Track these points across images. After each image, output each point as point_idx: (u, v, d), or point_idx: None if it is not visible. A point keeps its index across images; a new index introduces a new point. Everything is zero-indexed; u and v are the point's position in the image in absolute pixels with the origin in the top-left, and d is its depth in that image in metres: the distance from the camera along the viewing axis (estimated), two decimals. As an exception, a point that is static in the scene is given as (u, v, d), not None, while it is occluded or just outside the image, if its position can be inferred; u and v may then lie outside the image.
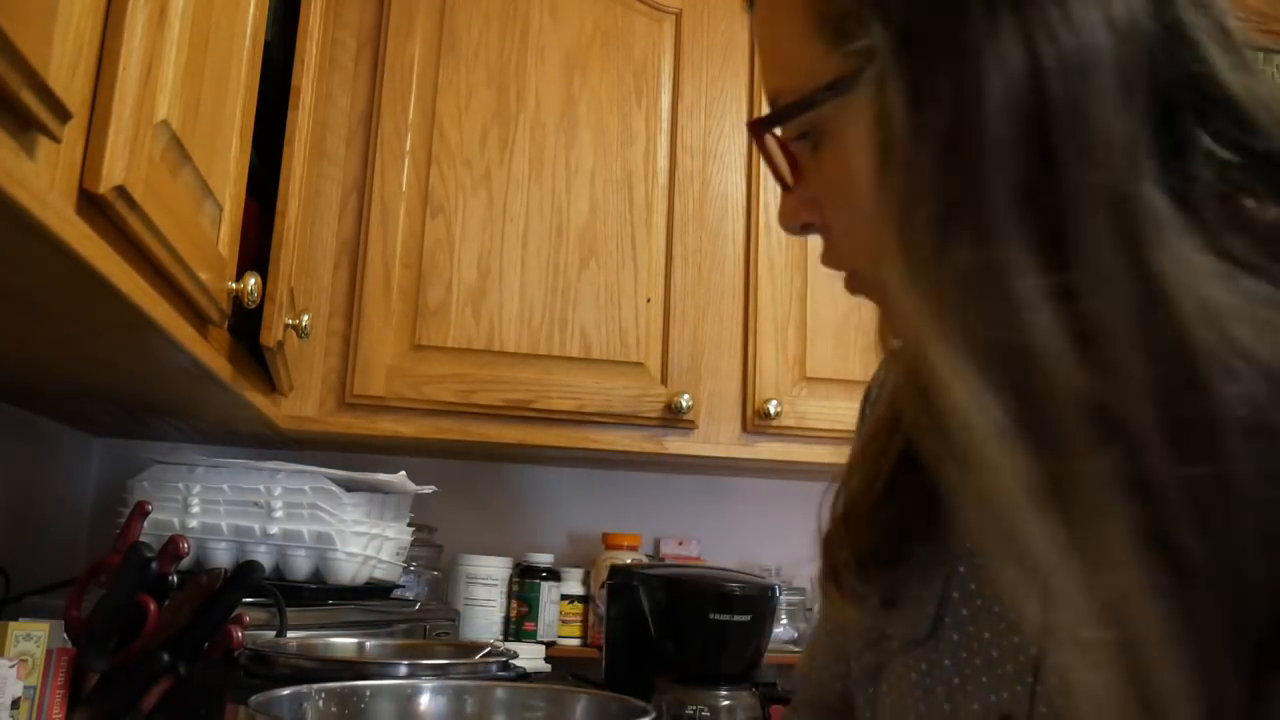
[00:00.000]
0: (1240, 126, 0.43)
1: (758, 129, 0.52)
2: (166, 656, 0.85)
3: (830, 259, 0.54)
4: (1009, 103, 0.41)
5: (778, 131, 0.53)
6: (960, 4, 0.42)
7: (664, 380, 1.60)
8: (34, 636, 0.87)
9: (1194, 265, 0.39)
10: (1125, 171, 0.40)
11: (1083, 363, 0.38)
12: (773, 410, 1.59)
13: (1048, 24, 0.41)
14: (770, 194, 1.67)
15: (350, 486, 1.29)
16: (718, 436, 1.62)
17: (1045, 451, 0.38)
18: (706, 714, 1.30)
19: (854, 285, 0.54)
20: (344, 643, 1.05)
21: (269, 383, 1.26)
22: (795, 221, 0.55)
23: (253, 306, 0.91)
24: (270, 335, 1.00)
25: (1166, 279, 0.39)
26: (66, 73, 0.47)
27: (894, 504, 0.53)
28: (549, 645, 1.65)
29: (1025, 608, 0.44)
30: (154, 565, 0.87)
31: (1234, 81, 0.43)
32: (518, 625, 1.69)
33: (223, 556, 1.24)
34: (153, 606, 0.86)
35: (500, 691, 0.82)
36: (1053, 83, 0.41)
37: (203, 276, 0.78)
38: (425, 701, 0.78)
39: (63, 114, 0.48)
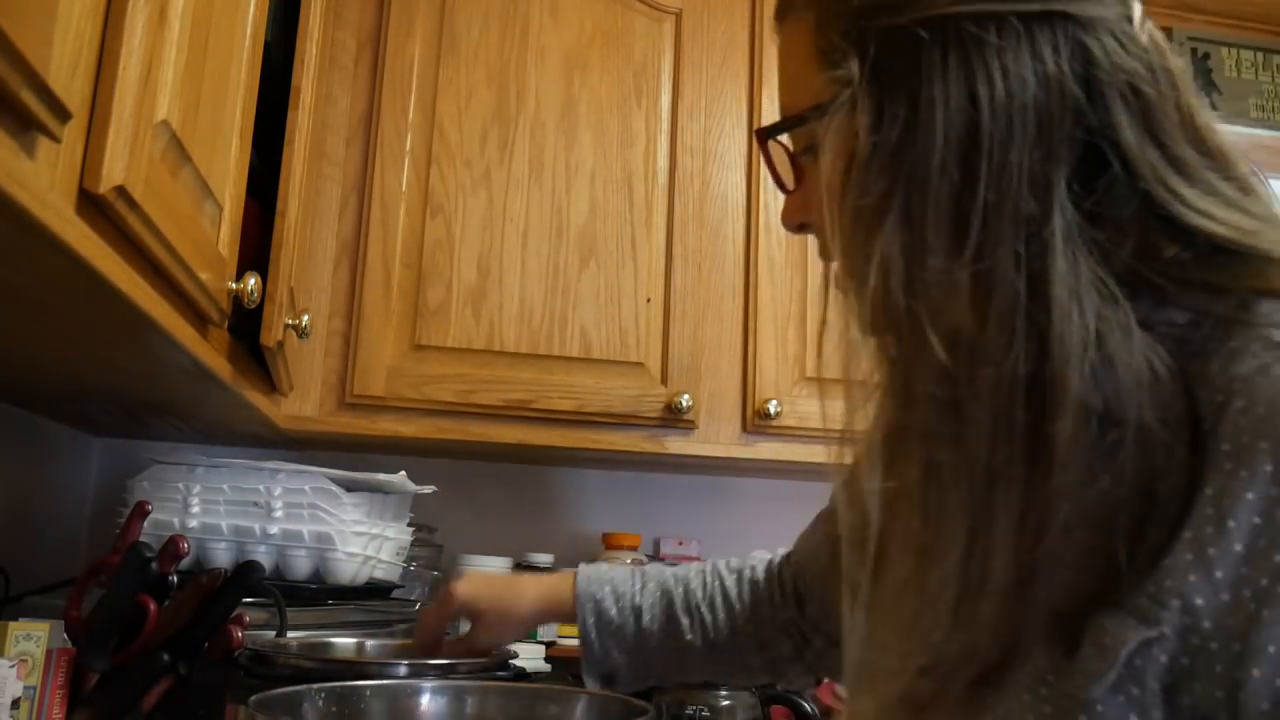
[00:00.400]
0: (1130, 173, 0.53)
1: (760, 136, 0.64)
2: (166, 656, 0.85)
3: (822, 253, 0.64)
4: (948, 130, 0.52)
5: (786, 142, 0.63)
6: (919, 48, 0.53)
7: (664, 380, 1.60)
8: (34, 636, 0.87)
9: (1079, 275, 0.50)
10: (1031, 195, 0.51)
11: (971, 326, 0.51)
12: (773, 410, 1.59)
13: (988, 72, 0.52)
14: (770, 194, 1.67)
15: (350, 486, 1.29)
16: (718, 436, 1.62)
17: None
18: (706, 714, 1.30)
19: (839, 281, 0.62)
20: (344, 643, 1.05)
21: (269, 383, 1.26)
22: (793, 220, 0.66)
23: (253, 306, 0.90)
24: (270, 335, 1.00)
25: (1051, 281, 0.49)
26: (66, 73, 0.47)
27: None
28: (549, 645, 1.64)
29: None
30: (154, 565, 0.87)
31: (1129, 138, 0.53)
32: (518, 625, 1.69)
33: (223, 556, 1.24)
34: (153, 606, 0.86)
35: (500, 691, 0.82)
36: (984, 118, 0.51)
37: (203, 276, 0.78)
38: (425, 701, 0.78)
39: (63, 114, 0.48)
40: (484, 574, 1.01)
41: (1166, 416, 0.47)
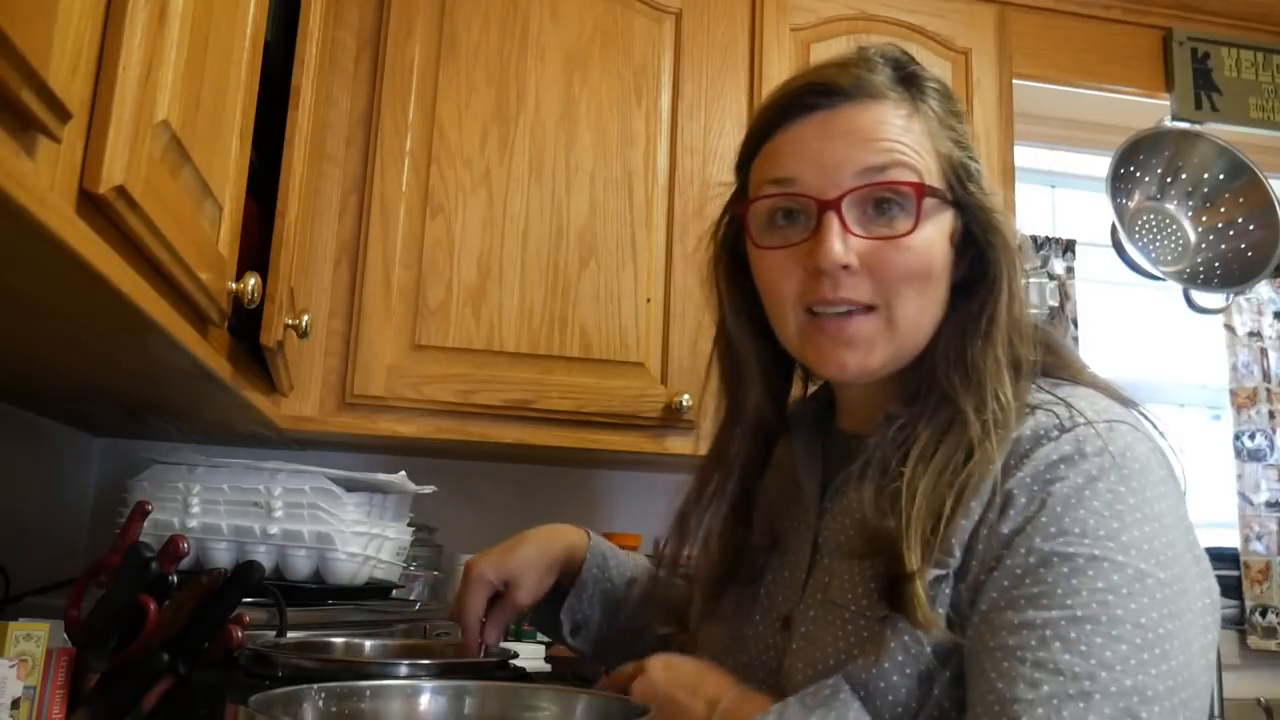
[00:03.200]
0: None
1: (920, 189, 0.77)
2: (166, 656, 0.85)
3: (859, 293, 0.77)
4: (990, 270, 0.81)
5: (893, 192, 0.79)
6: (986, 221, 0.81)
7: (664, 380, 1.60)
8: (34, 636, 0.87)
9: None
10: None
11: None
12: (773, 410, 1.59)
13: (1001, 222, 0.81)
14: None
15: (350, 486, 1.29)
16: (718, 436, 1.62)
17: None
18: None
19: (853, 324, 0.78)
20: (344, 643, 1.05)
21: (269, 383, 1.26)
22: (853, 256, 0.77)
23: (253, 306, 0.90)
24: (270, 335, 1.00)
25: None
26: (66, 73, 0.47)
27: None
28: (549, 645, 1.64)
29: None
30: (154, 565, 0.87)
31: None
32: (518, 625, 1.69)
33: (223, 556, 1.24)
34: (153, 606, 0.85)
35: (500, 691, 0.82)
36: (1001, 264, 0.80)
37: (203, 276, 0.78)
38: (425, 701, 0.78)
39: (63, 114, 0.48)
40: (491, 550, 1.04)
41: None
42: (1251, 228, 2.01)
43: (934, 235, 0.78)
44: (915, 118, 0.79)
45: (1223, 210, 2.05)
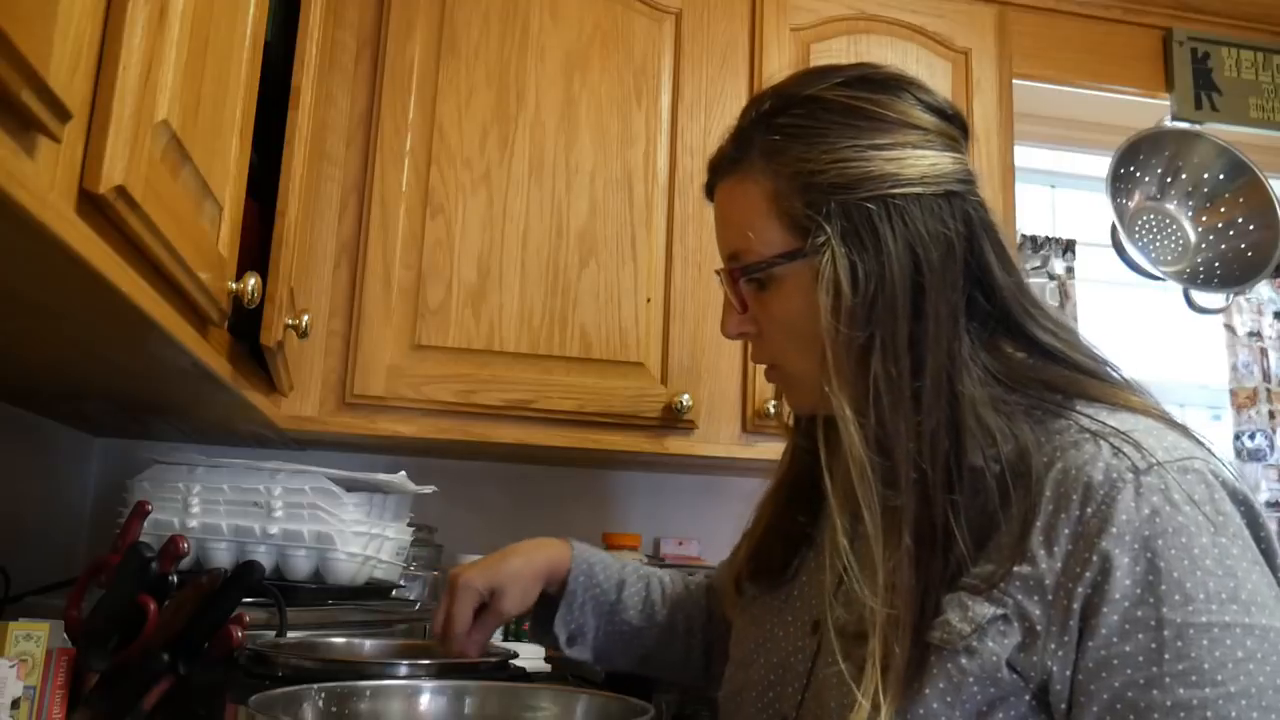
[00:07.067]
0: (994, 299, 0.78)
1: (734, 273, 0.82)
2: (166, 656, 0.85)
3: (759, 356, 0.87)
4: (903, 281, 0.74)
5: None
6: (873, 218, 0.75)
7: (664, 380, 1.60)
8: (34, 636, 0.87)
9: (972, 380, 0.74)
10: (951, 326, 0.74)
11: (911, 434, 0.73)
12: (772, 410, 1.59)
13: (919, 234, 0.75)
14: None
15: (350, 486, 1.29)
16: (718, 436, 1.62)
17: (889, 468, 0.74)
18: (706, 714, 1.30)
19: (772, 375, 0.87)
20: (344, 643, 1.05)
21: (269, 383, 1.26)
22: (736, 330, 0.85)
23: (253, 306, 0.90)
24: (270, 335, 1.00)
25: (960, 390, 0.73)
26: (66, 73, 0.47)
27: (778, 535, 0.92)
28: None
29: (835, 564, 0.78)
30: (154, 565, 0.87)
31: (998, 273, 0.78)
32: (518, 625, 1.69)
33: (223, 556, 1.24)
34: (153, 606, 0.85)
35: (500, 691, 0.82)
36: (924, 271, 0.74)
37: (203, 276, 0.78)
38: (425, 701, 0.78)
39: (63, 114, 0.48)
40: (476, 560, 1.05)
41: (1016, 468, 0.71)
42: (1251, 228, 2.01)
43: (792, 294, 0.79)
44: (749, 178, 0.80)
45: (1223, 210, 2.05)
